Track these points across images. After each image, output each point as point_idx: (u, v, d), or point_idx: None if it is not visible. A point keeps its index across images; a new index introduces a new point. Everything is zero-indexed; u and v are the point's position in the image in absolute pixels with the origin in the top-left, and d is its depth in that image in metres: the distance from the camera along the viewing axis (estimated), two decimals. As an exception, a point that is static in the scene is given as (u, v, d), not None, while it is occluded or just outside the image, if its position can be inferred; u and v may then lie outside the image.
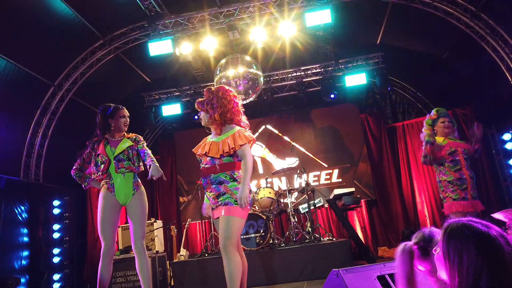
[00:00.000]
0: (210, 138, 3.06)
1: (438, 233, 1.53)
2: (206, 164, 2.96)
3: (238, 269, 2.74)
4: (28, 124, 7.36)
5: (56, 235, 7.30)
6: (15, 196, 6.64)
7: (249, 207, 2.89)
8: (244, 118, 3.14)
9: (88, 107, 8.09)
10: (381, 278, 2.15)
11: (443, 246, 1.24)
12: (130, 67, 8.11)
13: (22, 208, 6.69)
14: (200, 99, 3.10)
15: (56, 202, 7.44)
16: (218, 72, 7.03)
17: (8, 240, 6.32)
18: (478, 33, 6.78)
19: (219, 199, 2.89)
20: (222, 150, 2.89)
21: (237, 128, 2.96)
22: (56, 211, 7.41)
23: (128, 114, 3.74)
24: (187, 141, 8.01)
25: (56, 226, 7.32)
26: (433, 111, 4.15)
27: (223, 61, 7.04)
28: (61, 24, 6.43)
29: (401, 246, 1.60)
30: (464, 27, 6.80)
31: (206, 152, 2.96)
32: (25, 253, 6.61)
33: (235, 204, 2.81)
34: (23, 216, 6.66)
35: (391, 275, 2.13)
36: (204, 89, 3.12)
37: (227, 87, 3.07)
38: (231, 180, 2.89)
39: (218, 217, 2.92)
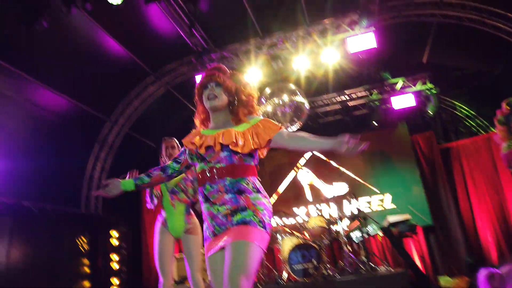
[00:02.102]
0: (214, 129, 2.09)
1: None
2: (217, 162, 1.96)
3: None
4: (87, 159, 7.83)
5: (114, 266, 7.55)
6: (77, 228, 7.00)
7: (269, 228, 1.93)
8: None
9: (142, 140, 8.50)
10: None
11: None
12: (179, 100, 8.47)
13: (84, 239, 7.03)
14: (223, 73, 2.15)
15: (114, 233, 7.75)
16: (263, 101, 7.15)
17: (71, 270, 6.62)
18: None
19: (235, 217, 1.87)
20: (257, 142, 1.99)
21: (260, 117, 2.15)
22: (114, 242, 7.71)
23: (177, 145, 3.74)
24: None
25: (114, 257, 7.59)
26: (504, 105, 3.59)
27: (267, 90, 7.16)
28: (115, 62, 6.90)
29: (485, 272, 1.51)
30: (517, 41, 6.50)
31: (220, 142, 1.96)
32: (87, 284, 6.88)
33: (260, 226, 1.85)
34: (84, 247, 6.99)
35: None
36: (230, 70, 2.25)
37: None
38: (254, 190, 1.95)
39: (222, 248, 1.88)
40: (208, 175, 1.96)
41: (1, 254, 5.68)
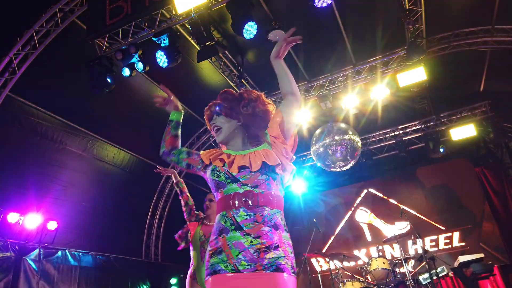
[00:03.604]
0: (239, 150, 1.88)
1: None
2: (255, 187, 1.71)
3: None
4: (147, 209, 8.19)
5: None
6: (138, 276, 7.22)
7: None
8: None
9: (197, 187, 8.75)
10: None
11: None
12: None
13: (145, 287, 7.20)
14: (226, 101, 1.97)
15: (173, 280, 7.86)
16: (314, 142, 7.15)
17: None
18: None
19: (268, 255, 1.61)
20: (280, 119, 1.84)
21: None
22: (174, 289, 7.82)
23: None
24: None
25: (174, 304, 7.68)
26: None
27: (318, 131, 7.17)
28: (168, 116, 7.32)
29: None
30: None
31: (264, 161, 1.73)
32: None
33: (292, 273, 1.64)
34: (146, 294, 7.15)
35: None
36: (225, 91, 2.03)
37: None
38: (286, 229, 1.74)
39: None
40: (244, 199, 1.68)
41: (71, 303, 5.97)
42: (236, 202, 1.68)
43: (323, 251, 8.28)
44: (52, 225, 5.94)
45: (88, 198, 6.88)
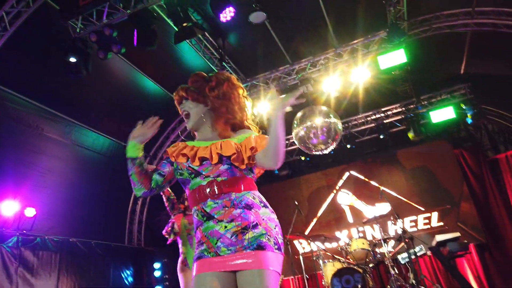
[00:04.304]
0: (204, 140, 1.85)
1: None
2: (218, 176, 1.72)
3: None
4: (128, 195, 8.12)
5: (158, 297, 7.67)
6: (121, 261, 7.21)
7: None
8: None
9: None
10: None
11: None
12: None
13: (128, 272, 7.21)
14: (195, 83, 1.93)
15: (156, 265, 7.88)
16: (295, 126, 7.15)
17: (118, 304, 6.79)
18: None
19: (247, 236, 1.62)
20: (255, 150, 1.75)
21: (254, 132, 1.91)
22: (157, 273, 7.83)
23: None
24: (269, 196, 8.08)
25: (158, 288, 7.72)
26: None
27: (299, 114, 7.16)
28: (152, 100, 7.23)
29: None
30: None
31: (218, 153, 1.72)
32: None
33: (276, 249, 1.64)
34: (129, 280, 7.15)
35: None
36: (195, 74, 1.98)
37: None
38: (262, 205, 1.73)
39: (228, 271, 1.63)
40: (209, 190, 1.70)
41: (51, 289, 5.94)
42: (202, 195, 1.71)
43: (306, 232, 8.39)
44: (30, 212, 5.85)
45: (67, 185, 6.77)
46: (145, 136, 1.89)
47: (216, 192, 1.69)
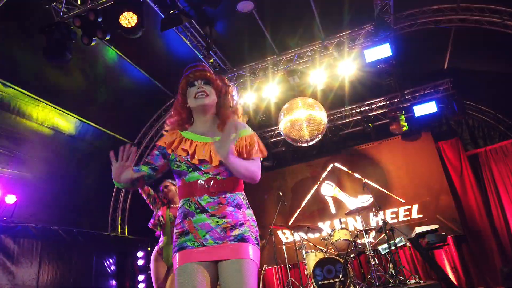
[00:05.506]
0: (201, 135, 1.93)
1: None
2: (217, 174, 1.83)
3: None
4: (112, 183, 8.02)
5: (141, 286, 7.64)
6: (104, 250, 7.16)
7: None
8: None
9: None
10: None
11: None
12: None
13: (111, 260, 7.17)
14: (212, 74, 2.04)
15: (140, 254, 7.86)
16: (282, 117, 7.17)
17: (100, 292, 6.76)
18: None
19: (234, 232, 1.77)
20: (255, 151, 1.91)
21: (250, 129, 2.01)
22: (140, 262, 7.82)
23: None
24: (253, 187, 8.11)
25: (140, 277, 7.69)
26: None
27: (286, 105, 7.19)
28: (137, 87, 7.14)
29: None
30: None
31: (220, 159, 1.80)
32: (115, 305, 7.00)
33: (256, 244, 1.83)
34: (112, 268, 7.12)
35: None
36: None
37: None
38: (248, 206, 1.91)
39: (211, 261, 1.76)
40: (207, 186, 1.81)
41: (32, 277, 5.88)
42: (199, 189, 1.81)
43: (290, 223, 8.48)
44: (11, 199, 5.74)
45: (49, 172, 6.66)
46: (125, 168, 1.88)
47: (215, 189, 1.80)
